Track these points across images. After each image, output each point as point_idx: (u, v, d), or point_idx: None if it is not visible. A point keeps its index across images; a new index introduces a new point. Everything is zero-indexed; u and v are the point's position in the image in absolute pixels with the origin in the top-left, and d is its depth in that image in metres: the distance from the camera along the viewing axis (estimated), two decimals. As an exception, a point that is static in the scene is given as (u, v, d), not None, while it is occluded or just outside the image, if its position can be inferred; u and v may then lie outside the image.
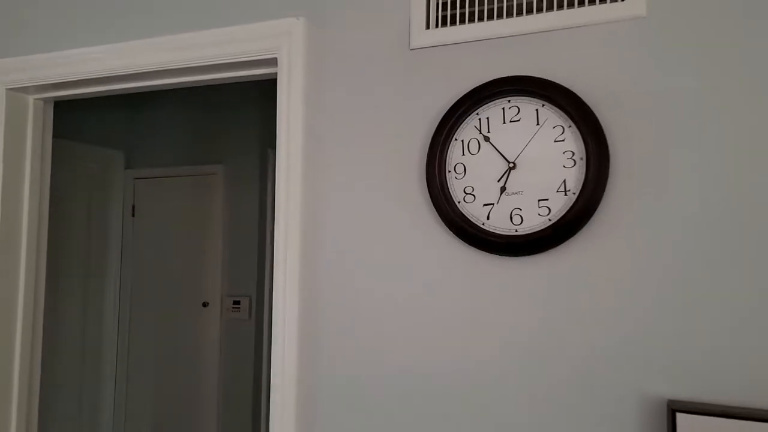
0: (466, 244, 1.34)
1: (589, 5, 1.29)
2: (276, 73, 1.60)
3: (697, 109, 1.19)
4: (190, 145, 3.42)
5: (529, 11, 1.34)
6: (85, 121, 3.27)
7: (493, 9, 1.37)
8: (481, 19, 1.38)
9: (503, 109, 1.33)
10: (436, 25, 1.42)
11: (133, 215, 3.50)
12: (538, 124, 1.30)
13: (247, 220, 3.21)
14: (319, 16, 1.52)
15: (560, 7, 1.31)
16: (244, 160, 3.25)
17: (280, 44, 1.53)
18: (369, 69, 1.46)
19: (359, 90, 1.46)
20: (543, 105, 1.30)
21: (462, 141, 1.36)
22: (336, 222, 1.46)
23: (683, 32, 1.22)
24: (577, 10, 1.29)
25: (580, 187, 1.25)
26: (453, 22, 1.40)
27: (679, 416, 1.12)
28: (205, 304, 3.31)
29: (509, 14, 1.36)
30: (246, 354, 3.20)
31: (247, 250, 3.20)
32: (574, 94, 1.27)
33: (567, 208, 1.26)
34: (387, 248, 1.41)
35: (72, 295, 3.27)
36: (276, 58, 1.54)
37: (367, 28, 1.47)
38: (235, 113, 3.28)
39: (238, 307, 3.24)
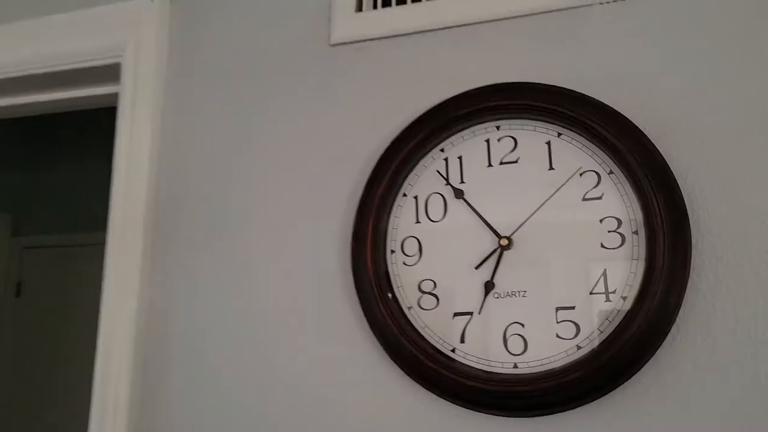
0: (423, 389, 0.71)
1: (635, -36, 0.73)
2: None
3: None
4: (94, 205, 2.77)
5: (529, -20, 0.78)
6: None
7: (467, -21, 0.80)
8: (447, -6, 0.81)
9: (488, 141, 0.75)
10: (374, 5, 0.85)
11: (18, 295, 2.79)
12: (551, 168, 0.71)
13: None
14: (188, -4, 0.94)
15: (583, -29, 0.76)
16: (162, 228, 2.62)
17: (123, 41, 0.94)
18: (265, 78, 0.87)
19: (247, 113, 0.87)
20: (560, 135, 0.72)
21: (416, 198, 0.76)
22: (193, 336, 0.83)
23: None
24: (614, -26, 0.74)
25: (638, 286, 0.65)
26: (401, 1, 0.84)
27: None
28: (99, 411, 2.56)
29: (495, -14, 0.80)
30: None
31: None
32: (620, 114, 0.69)
33: (613, 326, 0.66)
34: (276, 386, 0.78)
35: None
36: (120, 65, 0.95)
37: (263, 11, 0.90)
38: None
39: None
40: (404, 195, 0.77)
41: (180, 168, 0.89)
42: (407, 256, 0.75)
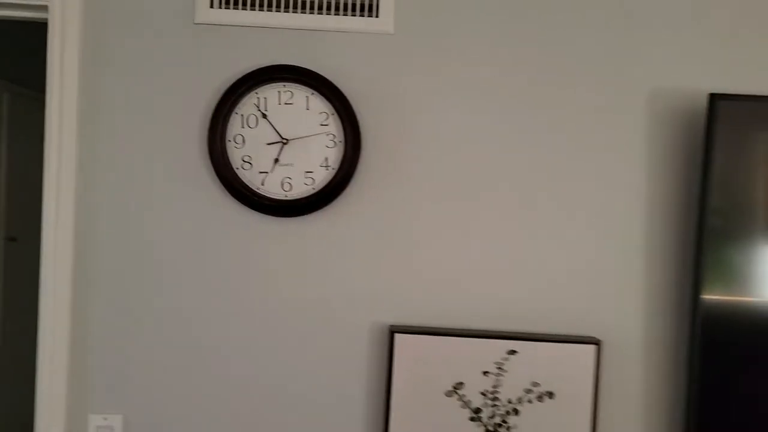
0: (244, 206, 1.56)
1: (351, 15, 1.58)
2: (44, 19, 1.55)
3: (429, 107, 1.59)
4: None
5: (303, 9, 1.57)
6: None
7: (272, 0, 1.57)
8: (261, 7, 1.57)
9: (279, 92, 1.56)
10: (220, 6, 1.56)
11: None
12: (308, 109, 1.57)
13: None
14: (97, -27, 1.52)
15: (329, 11, 1.58)
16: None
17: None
18: (153, 36, 1.54)
19: (142, 57, 1.54)
20: (312, 93, 1.57)
21: (242, 115, 1.56)
22: (115, 185, 1.54)
23: (424, 47, 1.60)
24: (341, 17, 1.57)
25: (338, 164, 1.57)
26: (236, 5, 1.56)
27: (396, 336, 1.55)
28: None
29: (287, 8, 1.57)
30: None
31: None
32: (337, 88, 1.56)
33: (328, 180, 1.57)
34: (169, 210, 1.55)
35: None
36: (47, 6, 1.50)
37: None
38: None
39: None
40: (236, 113, 1.55)
41: (96, 84, 1.53)
42: (237, 144, 1.55)
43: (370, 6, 1.58)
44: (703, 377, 1.49)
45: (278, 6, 1.57)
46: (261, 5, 1.56)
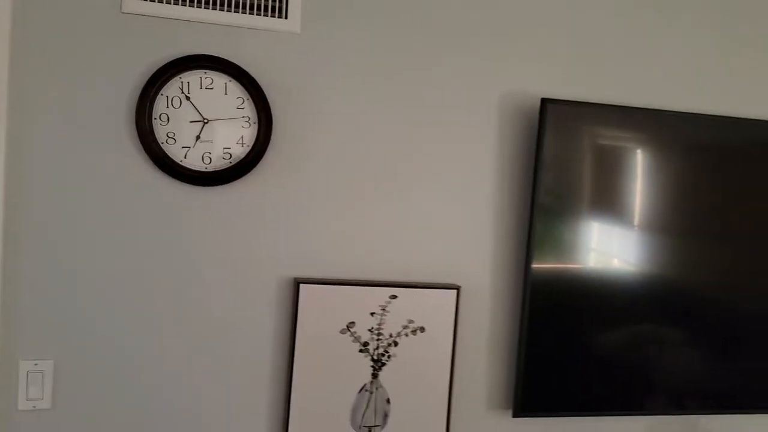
0: (168, 176, 1.80)
1: (264, 15, 1.85)
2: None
3: (330, 96, 1.92)
4: None
5: (222, 7, 1.82)
6: None
7: (194, -3, 1.80)
8: (184, 3, 1.79)
9: (201, 78, 1.81)
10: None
11: None
12: (226, 94, 1.83)
13: None
14: (30, -41, 1.66)
15: (244, 10, 1.84)
16: None
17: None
18: (82, 22, 1.71)
19: (72, 41, 1.71)
20: (230, 80, 1.83)
21: (167, 97, 1.78)
22: (47, 156, 1.70)
23: (326, 47, 1.91)
24: (256, 17, 1.84)
25: (252, 142, 1.85)
26: (161, 0, 1.78)
27: (301, 286, 1.88)
28: None
29: (207, 5, 1.81)
30: None
31: None
32: (252, 77, 1.84)
33: (243, 155, 1.84)
34: (99, 177, 1.75)
35: None
36: (-23, -13, 1.62)
37: (81, -16, 1.71)
38: None
39: None
40: (162, 95, 1.77)
41: (24, 65, 1.68)
42: (162, 121, 1.78)
43: (281, 9, 1.86)
44: (531, 324, 1.98)
45: (199, 2, 1.80)
46: (184, 1, 1.79)
